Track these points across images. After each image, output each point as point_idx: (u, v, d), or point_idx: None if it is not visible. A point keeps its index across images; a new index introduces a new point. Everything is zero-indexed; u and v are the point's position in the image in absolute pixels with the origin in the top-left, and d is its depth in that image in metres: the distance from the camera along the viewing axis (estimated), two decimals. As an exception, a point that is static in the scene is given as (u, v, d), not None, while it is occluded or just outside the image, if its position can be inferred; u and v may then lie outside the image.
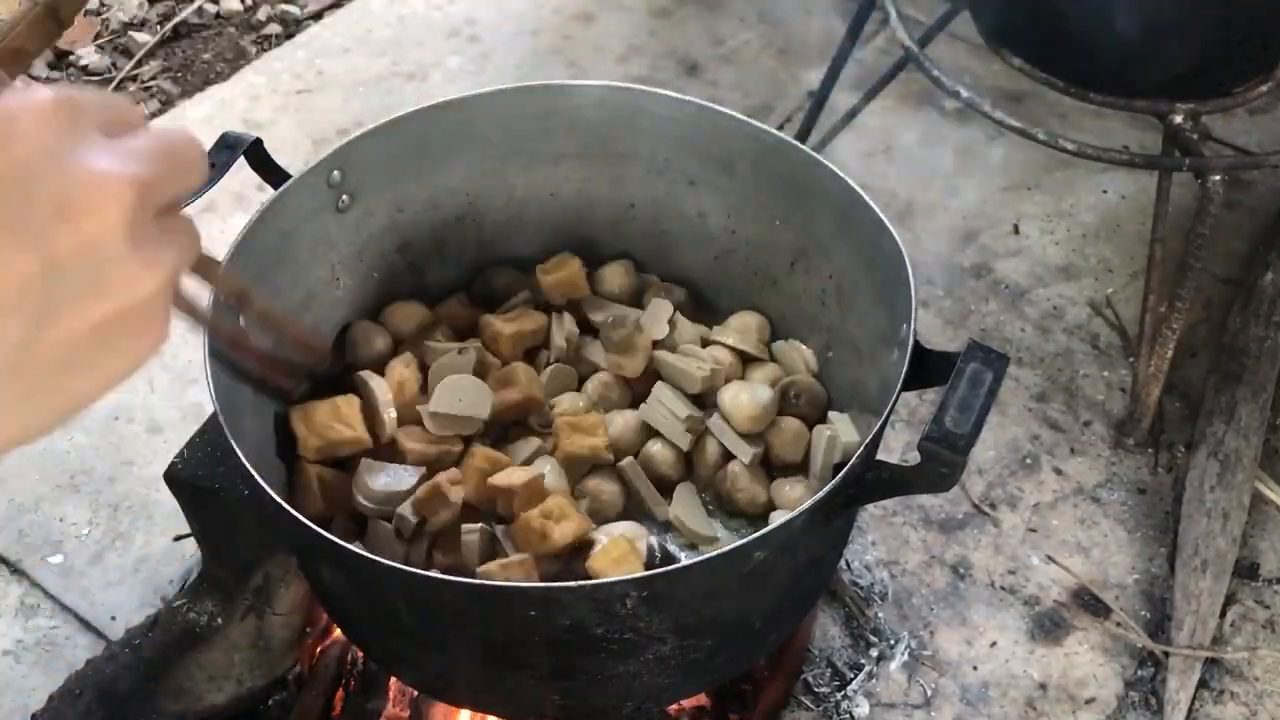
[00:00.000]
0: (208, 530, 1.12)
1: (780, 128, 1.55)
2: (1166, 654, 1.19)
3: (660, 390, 1.01)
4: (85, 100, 0.43)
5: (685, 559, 0.93)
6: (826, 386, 1.03)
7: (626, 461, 0.97)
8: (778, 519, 0.94)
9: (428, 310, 1.07)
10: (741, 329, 1.06)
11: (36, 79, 1.89)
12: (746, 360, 1.05)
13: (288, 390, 0.93)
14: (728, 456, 0.99)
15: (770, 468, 1.00)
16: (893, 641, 1.19)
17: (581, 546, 0.89)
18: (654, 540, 0.92)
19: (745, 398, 0.98)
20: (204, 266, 0.65)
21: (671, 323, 1.05)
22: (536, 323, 1.04)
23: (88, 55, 1.93)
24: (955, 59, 1.73)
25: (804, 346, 1.05)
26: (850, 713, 1.14)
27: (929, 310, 1.50)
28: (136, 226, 0.41)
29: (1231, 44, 1.19)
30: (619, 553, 0.87)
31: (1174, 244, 1.31)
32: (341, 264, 1.02)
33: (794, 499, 0.96)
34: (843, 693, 1.15)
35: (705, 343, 1.06)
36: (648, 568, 0.88)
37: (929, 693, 1.17)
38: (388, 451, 0.95)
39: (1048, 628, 1.22)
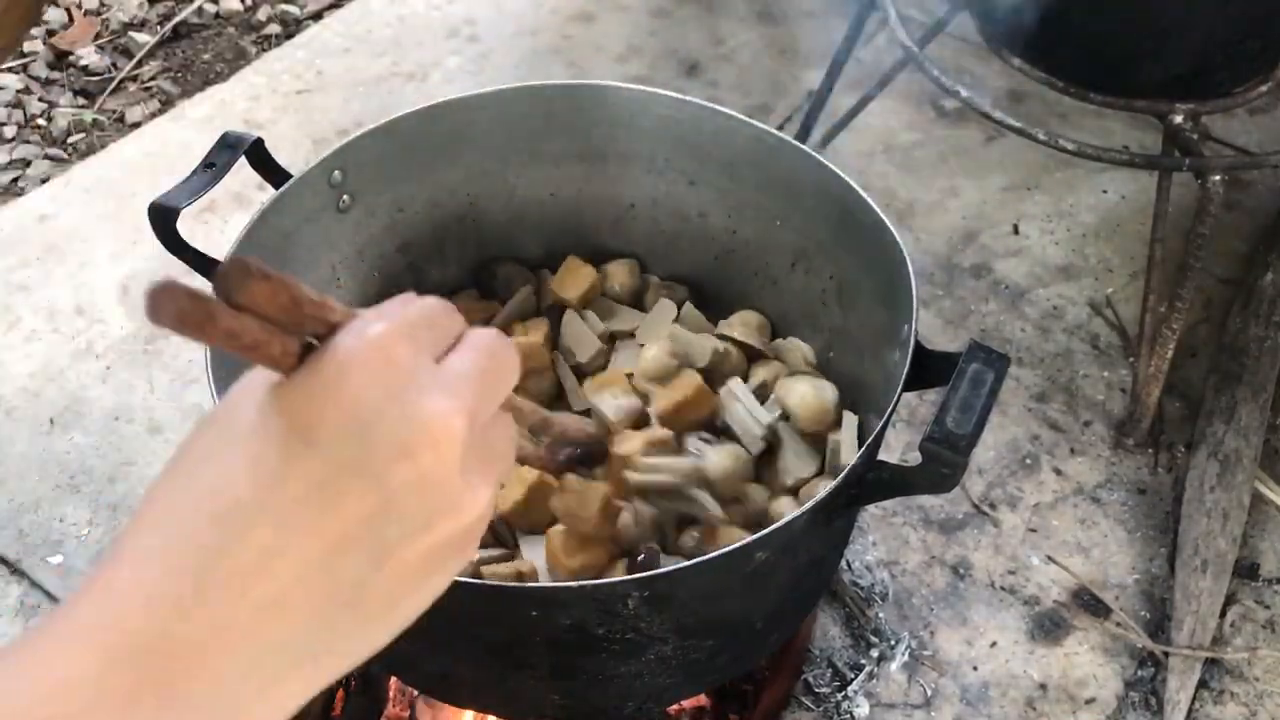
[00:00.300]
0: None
1: (780, 128, 1.55)
2: (1166, 654, 1.19)
3: (735, 385, 0.99)
4: (414, 326, 0.43)
5: (671, 562, 0.91)
6: (827, 386, 1.03)
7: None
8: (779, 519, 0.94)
9: None
10: (744, 324, 1.06)
11: (36, 80, 1.89)
12: (751, 357, 1.05)
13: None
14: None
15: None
16: (893, 642, 1.19)
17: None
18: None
19: (811, 395, 0.97)
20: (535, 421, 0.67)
21: (679, 318, 1.05)
22: (543, 329, 1.04)
23: (88, 55, 1.93)
24: (955, 59, 1.73)
25: (802, 343, 1.05)
26: (850, 713, 1.14)
27: (929, 310, 1.50)
28: (466, 456, 0.42)
29: (1231, 44, 1.19)
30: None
31: (1174, 244, 1.31)
32: (342, 264, 1.02)
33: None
34: (843, 693, 1.15)
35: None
36: (636, 569, 0.88)
37: (929, 693, 1.17)
38: None
39: (1048, 628, 1.22)
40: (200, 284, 0.50)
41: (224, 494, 0.40)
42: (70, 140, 1.80)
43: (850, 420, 0.98)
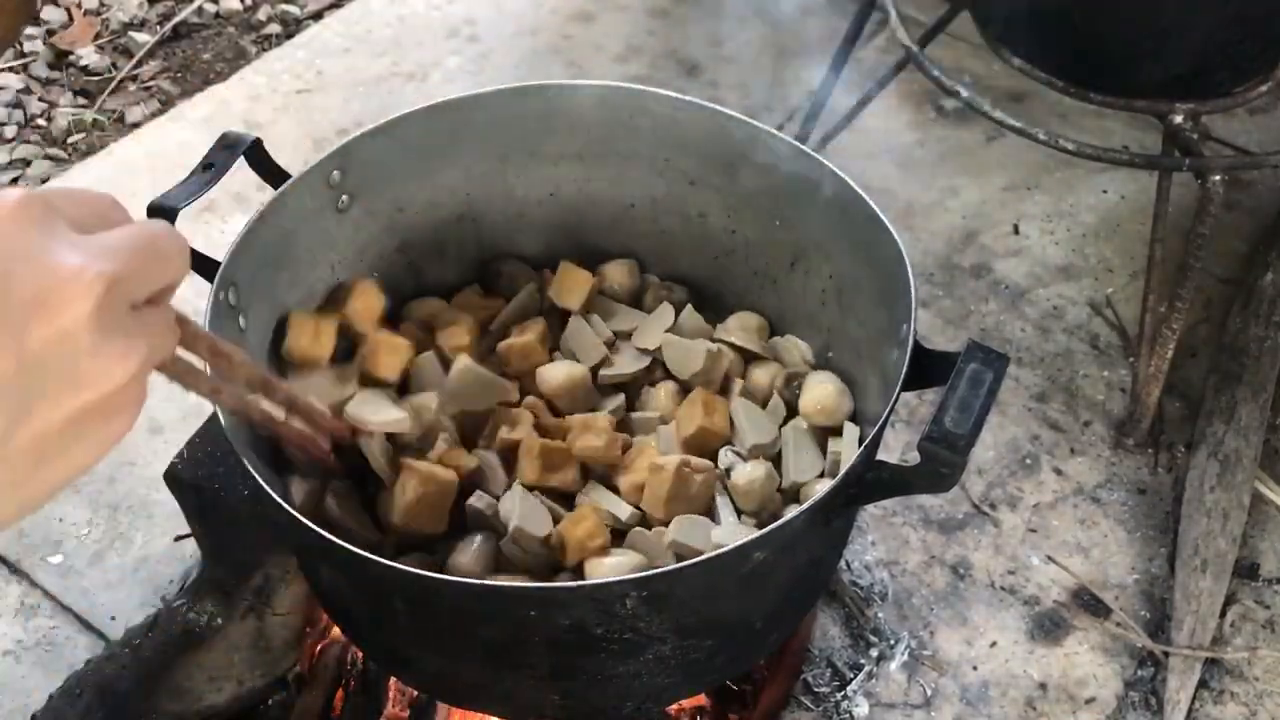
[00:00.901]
0: (208, 530, 1.12)
1: (780, 128, 1.55)
2: (1166, 654, 1.19)
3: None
4: (55, 197, 0.44)
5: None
6: (826, 386, 1.03)
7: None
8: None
9: (444, 304, 1.07)
10: (742, 327, 1.06)
11: (36, 79, 1.89)
12: (748, 359, 1.05)
13: (332, 466, 0.89)
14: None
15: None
16: (893, 641, 1.19)
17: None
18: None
19: (835, 393, 0.98)
20: (181, 371, 0.63)
21: (677, 321, 1.05)
22: (538, 329, 1.04)
23: (88, 55, 1.93)
24: (955, 59, 1.73)
25: (800, 342, 1.05)
26: (850, 713, 1.14)
27: (929, 310, 1.50)
28: (107, 319, 0.42)
29: (1231, 44, 1.19)
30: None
31: (1174, 244, 1.31)
32: (341, 264, 1.02)
33: (794, 499, 0.96)
34: (843, 693, 1.15)
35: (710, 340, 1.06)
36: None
37: (929, 693, 1.17)
38: None
39: (1048, 628, 1.22)
40: (199, 285, 0.50)
41: None
42: (70, 140, 1.80)
43: (850, 424, 0.98)
